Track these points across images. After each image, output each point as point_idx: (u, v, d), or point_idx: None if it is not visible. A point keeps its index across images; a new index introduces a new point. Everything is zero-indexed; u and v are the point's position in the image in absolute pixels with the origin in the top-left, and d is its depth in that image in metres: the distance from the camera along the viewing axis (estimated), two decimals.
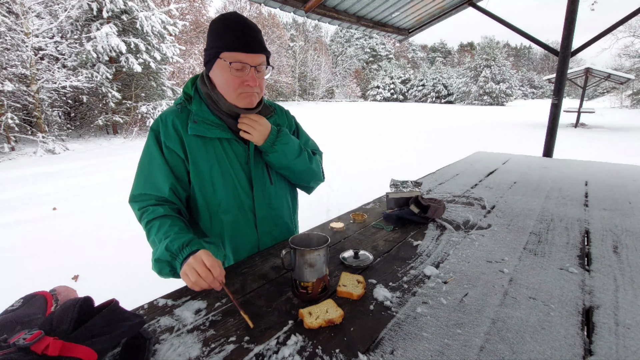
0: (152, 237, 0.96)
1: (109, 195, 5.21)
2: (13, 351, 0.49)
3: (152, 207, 1.00)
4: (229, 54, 0.96)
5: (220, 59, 0.97)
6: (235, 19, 0.97)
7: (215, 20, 1.00)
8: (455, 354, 0.67)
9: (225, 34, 0.96)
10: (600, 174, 2.39)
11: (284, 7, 3.50)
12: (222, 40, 0.96)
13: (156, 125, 1.05)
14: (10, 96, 9.11)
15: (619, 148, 9.59)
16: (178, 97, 1.10)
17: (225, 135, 1.05)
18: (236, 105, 1.03)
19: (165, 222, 0.96)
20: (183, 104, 1.06)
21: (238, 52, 0.96)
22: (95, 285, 2.71)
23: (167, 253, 0.88)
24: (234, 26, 0.96)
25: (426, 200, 1.45)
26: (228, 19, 0.98)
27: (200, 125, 1.02)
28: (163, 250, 0.89)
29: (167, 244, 0.89)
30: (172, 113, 1.05)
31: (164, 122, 1.04)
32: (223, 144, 1.06)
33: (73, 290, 0.79)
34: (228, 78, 0.98)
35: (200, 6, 24.18)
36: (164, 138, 1.03)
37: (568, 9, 3.86)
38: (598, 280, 0.98)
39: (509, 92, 43.43)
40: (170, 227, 0.94)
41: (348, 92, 54.47)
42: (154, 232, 0.95)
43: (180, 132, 1.03)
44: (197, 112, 1.03)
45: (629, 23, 27.27)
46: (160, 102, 12.53)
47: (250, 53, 0.97)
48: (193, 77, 1.10)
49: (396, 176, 5.43)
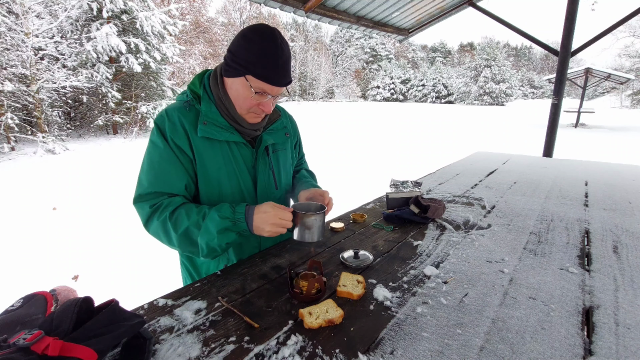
0: (184, 224, 0.91)
1: (108, 195, 5.21)
2: (13, 351, 0.49)
3: (166, 200, 0.96)
4: (256, 80, 0.92)
5: (244, 79, 0.93)
6: (275, 49, 0.90)
7: (254, 38, 0.91)
8: (455, 354, 0.67)
9: (259, 61, 0.90)
10: (600, 174, 2.39)
11: (284, 7, 3.50)
12: (255, 66, 0.90)
13: (161, 121, 0.99)
14: (10, 96, 9.11)
15: (619, 148, 9.59)
16: (181, 93, 1.05)
17: (234, 138, 1.02)
18: (244, 119, 1.02)
19: (190, 206, 0.95)
20: (190, 102, 1.01)
21: (266, 83, 0.92)
22: (95, 285, 2.71)
23: (225, 220, 0.91)
24: (271, 58, 0.90)
25: (426, 200, 1.45)
26: (268, 46, 0.90)
27: (210, 127, 0.98)
28: (219, 221, 0.90)
29: (217, 216, 0.91)
30: (177, 110, 1.00)
31: (170, 119, 0.98)
32: (231, 147, 1.04)
33: (73, 290, 0.79)
34: (246, 96, 0.95)
35: (200, 6, 24.19)
36: (171, 134, 0.97)
37: (568, 9, 3.86)
38: (598, 280, 0.98)
39: (509, 92, 43.44)
40: (200, 207, 0.94)
41: (348, 92, 54.48)
42: (185, 218, 0.92)
43: (187, 131, 0.98)
44: (206, 113, 0.99)
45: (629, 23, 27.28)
46: (160, 102, 12.54)
47: (276, 86, 0.94)
48: (200, 74, 1.05)
49: (396, 176, 5.43)
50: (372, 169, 6.89)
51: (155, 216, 0.94)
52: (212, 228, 0.90)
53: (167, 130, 0.97)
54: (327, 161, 7.55)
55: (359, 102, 47.49)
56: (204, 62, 21.73)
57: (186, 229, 0.92)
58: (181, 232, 0.92)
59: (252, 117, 1.01)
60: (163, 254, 3.08)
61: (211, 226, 0.90)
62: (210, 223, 0.91)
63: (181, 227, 0.92)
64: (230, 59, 0.94)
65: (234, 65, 0.93)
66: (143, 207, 0.96)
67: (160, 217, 0.93)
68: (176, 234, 0.92)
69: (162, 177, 0.97)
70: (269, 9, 6.81)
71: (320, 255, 1.12)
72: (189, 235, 0.92)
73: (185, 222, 0.92)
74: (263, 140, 1.10)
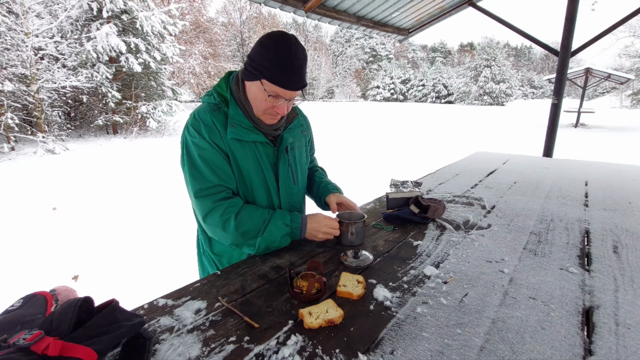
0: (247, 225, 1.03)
1: (109, 195, 5.21)
2: (13, 351, 0.49)
3: (228, 200, 1.05)
4: (270, 84, 0.97)
5: (259, 82, 0.98)
6: (289, 55, 0.94)
7: (268, 42, 0.96)
8: (455, 354, 0.67)
9: (274, 66, 0.95)
10: (600, 174, 2.39)
11: (284, 7, 3.51)
12: (269, 70, 0.95)
13: (197, 125, 1.04)
14: (10, 96, 9.11)
15: (619, 148, 9.59)
16: (206, 94, 1.10)
17: (259, 138, 1.08)
18: (260, 119, 1.08)
19: (251, 208, 1.07)
20: (219, 104, 1.07)
21: (279, 87, 0.97)
22: (95, 285, 2.71)
23: (286, 227, 1.07)
24: (285, 63, 0.94)
25: (426, 200, 1.45)
26: (282, 52, 0.94)
27: (237, 129, 1.04)
28: (282, 226, 1.06)
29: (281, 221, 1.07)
30: (208, 112, 1.05)
31: (204, 121, 1.04)
32: (257, 146, 1.10)
33: (73, 290, 0.79)
34: (261, 99, 1.01)
35: (200, 6, 24.18)
36: (209, 135, 1.03)
37: (568, 9, 3.86)
38: (598, 280, 0.98)
39: (509, 92, 43.44)
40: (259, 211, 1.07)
41: (348, 92, 54.46)
42: (249, 220, 1.04)
43: (220, 132, 1.04)
44: (234, 115, 1.05)
45: (629, 23, 27.27)
46: (160, 102, 12.54)
47: (289, 90, 0.98)
48: (225, 76, 1.11)
49: (396, 176, 5.43)
50: (372, 169, 6.88)
51: (217, 213, 1.02)
52: (275, 233, 1.05)
53: (205, 132, 1.03)
54: (327, 161, 7.53)
55: (359, 102, 47.48)
56: (204, 62, 21.70)
57: (248, 230, 1.03)
58: (242, 231, 1.03)
59: (268, 118, 1.07)
60: (163, 254, 3.08)
61: (275, 231, 1.05)
62: (274, 228, 1.05)
63: (243, 228, 1.03)
64: (248, 64, 1.00)
65: (251, 70, 0.98)
66: (205, 202, 1.04)
67: (224, 215, 1.02)
68: (237, 232, 1.02)
69: (217, 171, 1.04)
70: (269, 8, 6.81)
71: (320, 255, 1.12)
72: (248, 235, 1.04)
73: (248, 224, 1.03)
74: (284, 139, 1.17)
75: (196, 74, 20.99)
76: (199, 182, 1.04)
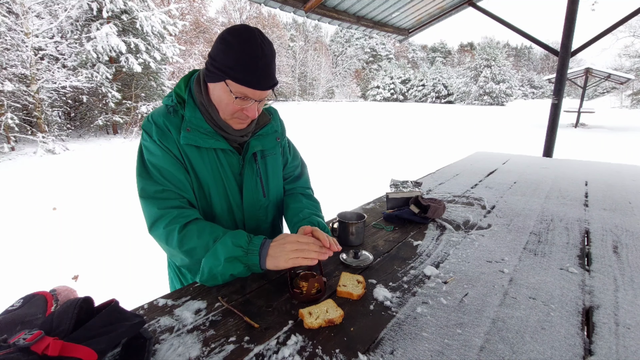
0: (192, 243, 0.87)
1: (108, 195, 5.21)
2: (13, 351, 0.49)
3: (178, 209, 0.91)
4: (236, 85, 0.86)
5: (224, 83, 0.88)
6: (255, 51, 0.84)
7: (230, 39, 0.85)
8: (455, 354, 0.67)
9: (237, 65, 0.84)
10: (600, 174, 2.39)
11: (284, 7, 3.51)
12: (232, 69, 0.85)
13: (148, 127, 0.95)
14: (10, 96, 9.11)
15: (619, 148, 9.59)
16: (166, 96, 1.00)
17: (220, 145, 0.97)
18: (229, 125, 0.97)
19: (204, 225, 0.90)
20: (175, 107, 0.97)
21: (246, 87, 0.87)
22: (95, 285, 2.71)
23: (238, 248, 0.84)
24: (249, 60, 0.84)
25: (426, 200, 1.45)
26: (247, 49, 0.84)
27: (193, 133, 0.94)
28: (231, 247, 0.84)
29: (230, 243, 0.85)
30: (162, 115, 0.96)
31: (157, 124, 0.94)
32: (218, 154, 0.99)
33: (73, 290, 0.79)
34: (228, 102, 0.90)
35: (200, 6, 24.19)
36: (160, 138, 0.93)
37: (568, 9, 3.86)
38: (598, 280, 0.98)
39: (509, 92, 43.44)
40: (214, 228, 0.89)
41: (348, 92, 54.47)
42: (195, 236, 0.87)
43: (174, 136, 0.94)
44: (190, 119, 0.94)
45: (629, 23, 27.28)
46: (160, 102, 12.52)
47: (258, 90, 0.88)
48: (186, 77, 1.00)
49: (396, 176, 5.43)
50: (372, 169, 6.88)
51: (162, 223, 0.89)
52: (220, 254, 0.84)
53: (156, 135, 0.93)
54: (327, 161, 7.55)
55: (359, 102, 47.48)
56: (204, 62, 21.63)
57: (193, 248, 0.87)
58: (186, 250, 0.87)
59: (236, 122, 0.96)
60: (163, 254, 3.08)
61: (220, 252, 0.85)
62: (220, 248, 0.85)
63: (188, 245, 0.87)
64: (210, 64, 0.89)
65: (214, 70, 0.88)
66: (150, 207, 0.91)
67: (168, 226, 0.89)
68: (180, 249, 0.87)
69: (167, 175, 0.93)
70: (269, 8, 6.81)
71: None
72: (193, 254, 0.87)
73: (194, 241, 0.87)
74: (250, 146, 1.04)
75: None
76: (146, 183, 0.92)
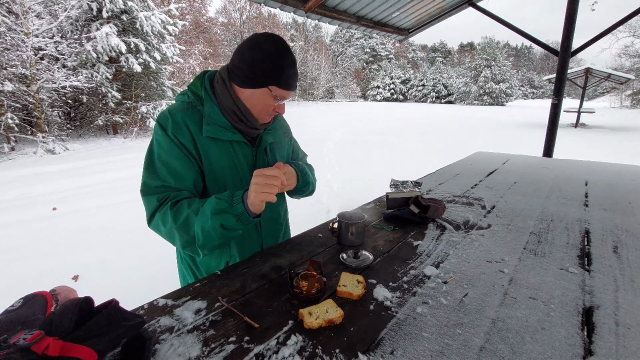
0: (184, 213, 0.92)
1: (109, 195, 5.21)
2: (13, 351, 0.49)
3: (174, 193, 0.98)
4: (279, 90, 1.00)
5: (267, 89, 1.00)
6: (291, 59, 1.00)
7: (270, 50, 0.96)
8: (455, 354, 0.67)
9: (282, 73, 0.98)
10: (600, 174, 2.39)
11: (284, 7, 3.51)
12: (278, 78, 0.98)
13: (164, 120, 1.01)
14: (10, 96, 9.11)
15: (619, 148, 9.59)
16: (180, 94, 1.08)
17: (236, 138, 1.06)
18: (256, 119, 1.08)
19: (194, 199, 0.98)
20: (192, 103, 1.05)
21: (286, 90, 1.02)
22: (95, 285, 2.71)
23: (221, 201, 0.91)
24: (289, 67, 0.99)
25: (426, 200, 1.45)
26: (285, 57, 0.98)
27: (213, 127, 1.02)
28: (215, 201, 0.91)
29: (214, 199, 0.92)
30: (180, 110, 1.03)
31: (174, 119, 1.01)
32: (233, 146, 1.08)
33: (73, 290, 0.79)
34: (267, 104, 1.03)
35: (200, 6, 24.19)
36: (175, 132, 1.00)
37: (568, 9, 3.86)
38: (598, 280, 0.98)
39: (509, 92, 43.44)
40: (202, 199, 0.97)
41: (348, 92, 54.45)
42: (186, 207, 0.94)
43: (191, 131, 1.01)
44: (210, 114, 1.03)
45: (629, 23, 27.28)
46: (160, 102, 12.53)
47: (291, 91, 1.04)
48: (200, 75, 1.09)
49: (396, 176, 5.43)
50: (372, 169, 6.88)
51: (160, 211, 0.95)
52: (207, 209, 0.91)
53: (170, 129, 1.00)
54: (327, 161, 7.55)
55: (359, 102, 47.47)
56: (204, 62, 21.71)
57: (186, 217, 0.92)
58: (180, 222, 0.92)
59: (267, 117, 1.09)
60: (163, 254, 3.08)
61: (207, 208, 0.91)
62: (207, 206, 0.92)
63: (181, 216, 0.92)
64: (248, 71, 0.98)
65: (253, 77, 0.98)
66: (151, 200, 0.97)
67: (161, 208, 0.95)
68: (175, 225, 0.92)
69: (171, 170, 0.99)
70: (269, 8, 6.81)
71: (320, 255, 1.12)
72: (187, 224, 0.92)
73: (185, 211, 0.93)
74: (263, 140, 1.15)
75: (196, 74, 20.98)
76: (149, 177, 0.99)
